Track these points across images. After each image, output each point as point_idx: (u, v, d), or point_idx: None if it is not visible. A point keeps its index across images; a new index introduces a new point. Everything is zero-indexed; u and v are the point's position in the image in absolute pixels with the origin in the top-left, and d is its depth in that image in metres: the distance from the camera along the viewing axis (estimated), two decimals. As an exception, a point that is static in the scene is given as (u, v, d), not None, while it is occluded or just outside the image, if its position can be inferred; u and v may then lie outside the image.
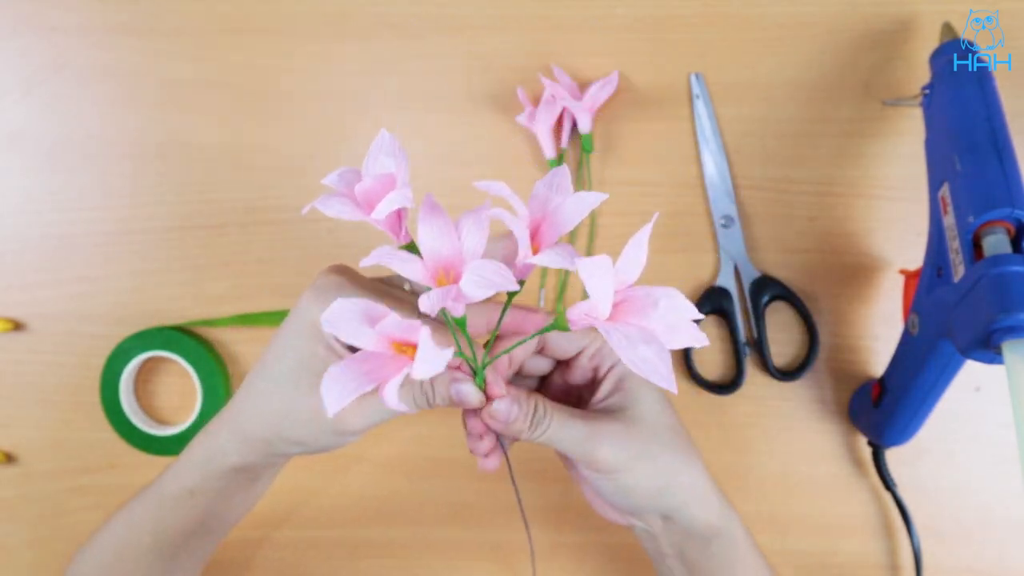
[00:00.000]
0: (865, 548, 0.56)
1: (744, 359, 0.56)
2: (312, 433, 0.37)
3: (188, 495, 0.42)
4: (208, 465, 0.41)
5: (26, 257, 0.59)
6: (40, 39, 0.59)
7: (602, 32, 0.58)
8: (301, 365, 0.37)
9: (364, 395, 0.35)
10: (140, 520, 0.43)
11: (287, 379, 0.37)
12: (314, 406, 0.36)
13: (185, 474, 0.42)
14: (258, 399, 0.38)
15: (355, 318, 0.31)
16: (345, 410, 0.35)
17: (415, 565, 0.57)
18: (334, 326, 0.30)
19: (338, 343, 0.37)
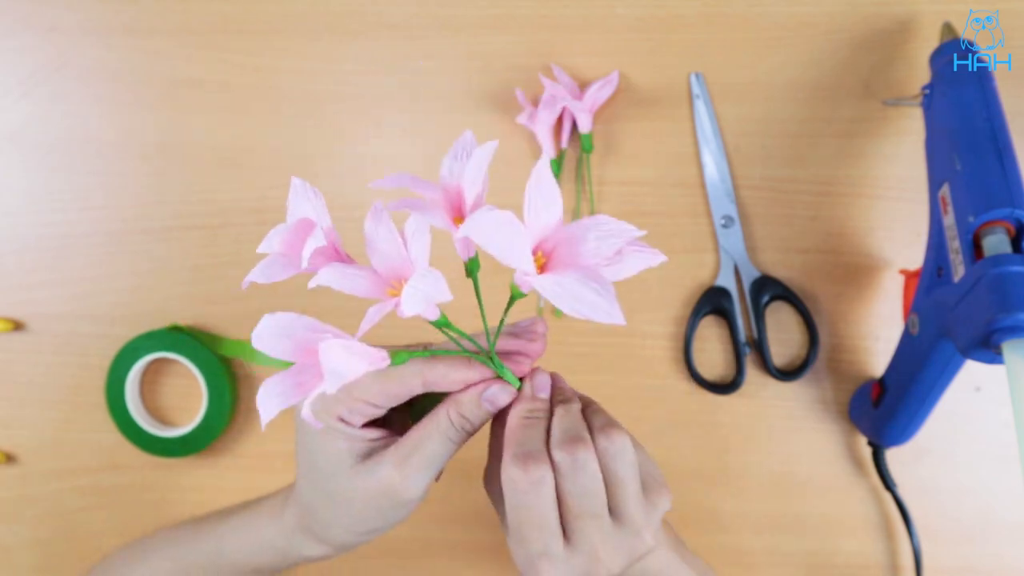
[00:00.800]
0: (865, 548, 0.56)
1: (744, 359, 0.56)
2: (378, 517, 0.37)
3: (254, 572, 0.42)
4: (284, 556, 0.41)
5: (26, 257, 0.59)
6: (40, 39, 0.59)
7: (602, 32, 0.58)
8: (331, 460, 0.36)
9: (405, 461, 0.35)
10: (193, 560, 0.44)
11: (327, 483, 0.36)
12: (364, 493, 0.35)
13: (256, 556, 0.41)
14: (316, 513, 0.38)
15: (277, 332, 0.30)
16: (395, 481, 0.35)
17: (414, 565, 0.57)
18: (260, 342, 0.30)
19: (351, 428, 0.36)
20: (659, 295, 0.57)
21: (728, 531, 0.56)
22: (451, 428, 0.35)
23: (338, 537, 0.38)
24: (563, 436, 0.34)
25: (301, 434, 0.37)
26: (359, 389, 0.35)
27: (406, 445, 0.35)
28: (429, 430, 0.35)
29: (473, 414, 0.35)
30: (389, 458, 0.35)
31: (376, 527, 0.37)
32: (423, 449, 0.35)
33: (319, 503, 0.37)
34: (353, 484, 0.35)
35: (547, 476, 0.33)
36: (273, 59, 0.59)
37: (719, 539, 0.56)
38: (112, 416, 0.57)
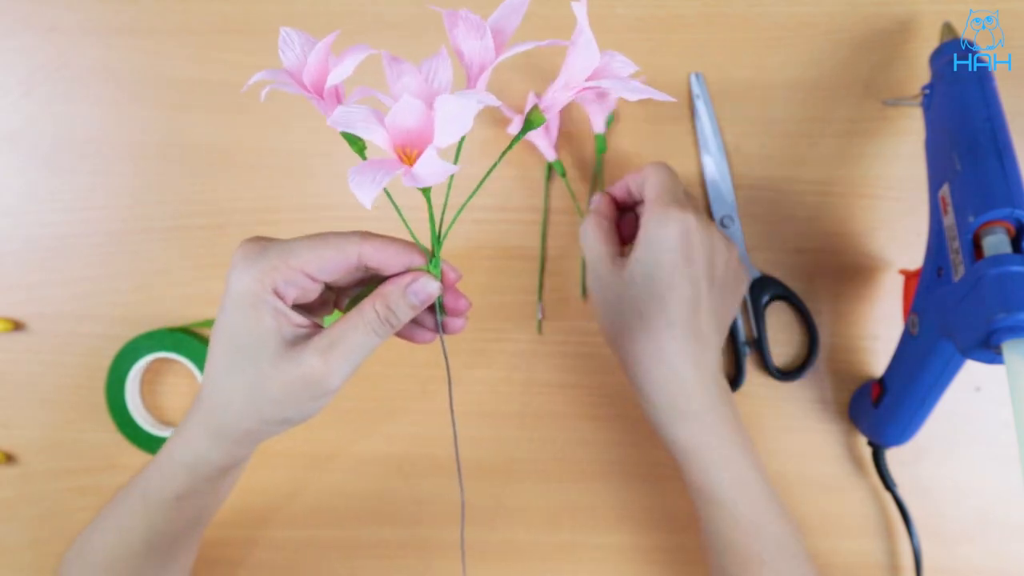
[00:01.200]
0: (865, 548, 0.56)
1: (744, 359, 0.56)
2: (293, 407, 0.36)
3: (176, 500, 0.41)
4: (195, 470, 0.40)
5: (26, 257, 0.59)
6: (40, 39, 0.59)
7: (602, 32, 0.58)
8: (254, 343, 0.35)
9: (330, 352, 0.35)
10: (129, 524, 0.43)
11: (247, 363, 0.36)
12: (284, 380, 0.35)
13: (171, 479, 0.41)
14: (227, 394, 0.37)
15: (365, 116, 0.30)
16: (316, 371, 0.35)
17: (413, 565, 0.57)
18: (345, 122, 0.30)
19: (282, 303, 0.35)
20: (659, 295, 0.57)
21: (728, 531, 0.56)
22: (376, 320, 0.35)
23: (247, 426, 0.37)
24: None
25: (227, 313, 0.36)
26: (296, 258, 0.35)
27: (331, 335, 0.35)
28: (355, 322, 0.35)
29: (398, 306, 0.35)
30: (314, 347, 0.35)
31: (289, 417, 0.37)
32: (348, 340, 0.35)
33: (234, 389, 0.36)
34: (275, 369, 0.35)
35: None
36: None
37: (719, 539, 0.56)
38: (112, 416, 0.57)
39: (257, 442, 0.39)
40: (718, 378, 0.44)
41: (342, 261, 0.36)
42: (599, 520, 0.56)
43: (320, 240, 0.36)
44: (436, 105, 0.30)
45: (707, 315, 0.43)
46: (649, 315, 0.42)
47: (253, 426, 0.37)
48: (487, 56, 0.34)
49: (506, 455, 0.57)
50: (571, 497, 0.56)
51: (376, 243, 0.36)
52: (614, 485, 0.56)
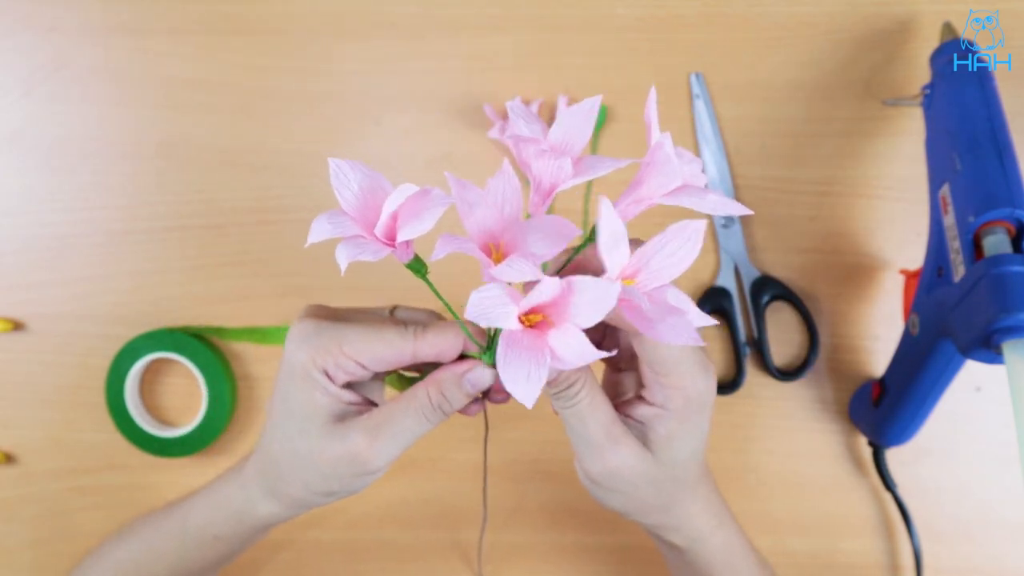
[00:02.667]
0: (865, 548, 0.56)
1: (744, 359, 0.56)
2: (338, 482, 0.36)
3: (213, 540, 0.42)
4: (240, 518, 0.41)
5: (26, 257, 0.59)
6: (39, 39, 0.59)
7: (602, 32, 0.58)
8: (306, 417, 0.36)
9: (377, 433, 0.35)
10: (161, 551, 0.44)
11: (298, 435, 0.36)
12: (331, 456, 0.35)
13: (214, 520, 0.42)
14: (280, 463, 0.37)
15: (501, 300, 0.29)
16: (362, 451, 0.35)
17: (414, 566, 0.57)
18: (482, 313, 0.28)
19: (333, 385, 0.36)
20: (659, 295, 0.57)
21: (728, 531, 0.56)
22: (428, 407, 0.35)
23: (295, 493, 0.38)
24: None
25: (282, 382, 0.36)
26: (350, 346, 0.35)
27: (380, 415, 0.36)
28: (405, 405, 0.35)
29: (452, 395, 0.35)
30: (362, 425, 0.35)
31: (334, 491, 0.37)
32: (396, 423, 0.35)
33: (284, 455, 0.37)
34: (322, 443, 0.35)
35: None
36: (273, 59, 0.59)
37: (719, 539, 0.56)
38: (112, 416, 0.57)
39: (306, 508, 0.40)
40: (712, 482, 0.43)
41: (394, 357, 0.35)
42: (599, 520, 0.56)
43: (375, 334, 0.35)
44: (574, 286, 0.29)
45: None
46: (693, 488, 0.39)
47: (301, 495, 0.38)
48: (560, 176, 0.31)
49: (506, 455, 0.57)
50: (571, 497, 0.56)
51: (430, 341, 0.35)
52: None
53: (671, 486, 0.38)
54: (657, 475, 0.37)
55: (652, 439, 0.36)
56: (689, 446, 0.37)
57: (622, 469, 0.36)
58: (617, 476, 0.36)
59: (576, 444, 0.37)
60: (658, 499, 0.38)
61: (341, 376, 0.35)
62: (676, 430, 0.36)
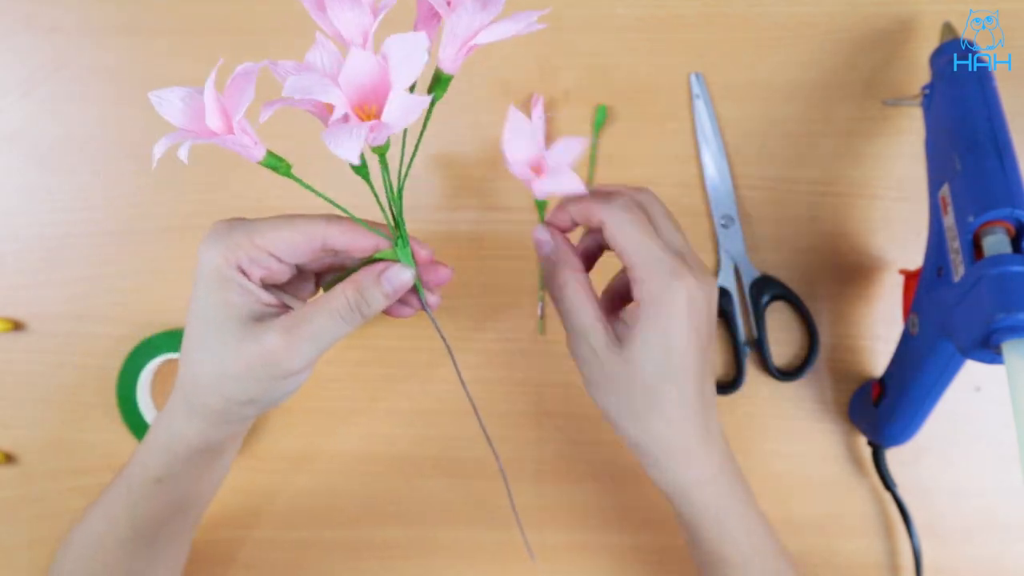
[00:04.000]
0: (865, 548, 0.56)
1: (744, 359, 0.56)
2: (255, 386, 0.36)
3: (155, 482, 0.41)
4: (169, 451, 0.40)
5: (26, 257, 0.59)
6: (40, 39, 0.59)
7: (602, 32, 0.58)
8: (220, 318, 0.35)
9: (292, 331, 0.35)
10: (114, 510, 0.43)
11: (212, 338, 0.35)
12: (245, 356, 0.35)
13: (150, 461, 0.41)
14: (196, 369, 0.37)
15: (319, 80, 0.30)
16: (277, 349, 0.34)
17: (414, 566, 0.57)
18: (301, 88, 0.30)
19: (247, 280, 0.35)
20: (659, 295, 0.57)
21: (728, 531, 0.56)
22: (346, 307, 0.35)
23: (214, 404, 0.37)
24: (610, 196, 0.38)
25: (197, 287, 0.36)
26: (261, 237, 0.35)
27: (297, 315, 0.35)
28: (322, 305, 0.35)
29: (371, 295, 0.35)
30: (279, 325, 0.35)
31: (253, 397, 0.36)
32: (314, 323, 0.35)
33: (200, 362, 0.36)
34: (238, 344, 0.35)
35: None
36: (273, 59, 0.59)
37: (719, 539, 0.56)
38: (123, 416, 0.57)
39: (228, 422, 0.39)
40: (722, 436, 0.42)
41: (306, 243, 0.35)
42: (598, 520, 0.56)
43: (285, 221, 0.36)
44: (386, 49, 0.30)
45: (710, 377, 0.40)
46: (660, 396, 0.38)
47: (220, 405, 0.37)
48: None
49: (506, 455, 0.57)
50: (571, 497, 0.56)
51: (342, 226, 0.35)
52: (613, 485, 0.56)
53: (642, 398, 0.38)
54: (623, 373, 0.37)
55: (624, 334, 0.38)
56: (654, 351, 0.36)
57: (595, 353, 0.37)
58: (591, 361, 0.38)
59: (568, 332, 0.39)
60: (629, 404, 0.38)
61: (256, 271, 0.35)
62: (641, 327, 0.36)
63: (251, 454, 0.57)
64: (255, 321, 0.35)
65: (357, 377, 0.58)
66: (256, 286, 0.36)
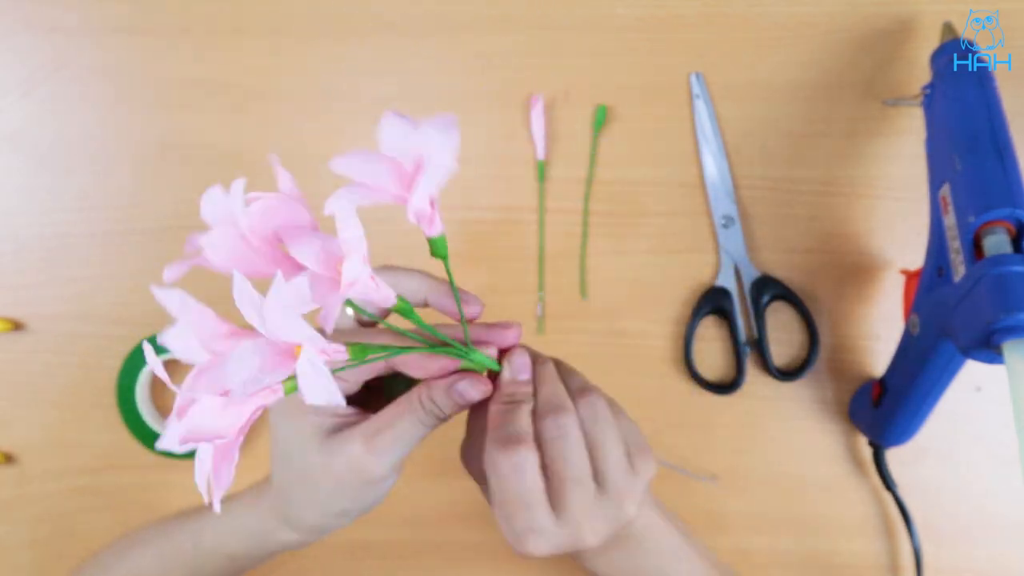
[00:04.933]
0: (865, 548, 0.56)
1: (744, 359, 0.56)
2: (347, 497, 0.36)
3: (228, 560, 0.42)
4: (257, 540, 0.41)
5: (26, 257, 0.59)
6: (39, 39, 0.59)
7: (602, 32, 0.58)
8: (301, 441, 0.35)
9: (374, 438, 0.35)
10: (173, 563, 0.44)
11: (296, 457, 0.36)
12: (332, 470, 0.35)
13: (230, 541, 0.41)
14: (289, 494, 0.37)
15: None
16: (361, 457, 0.35)
17: (415, 566, 0.57)
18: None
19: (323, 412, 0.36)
20: (659, 295, 0.57)
21: (728, 531, 0.56)
22: (421, 411, 0.35)
23: (310, 519, 0.38)
24: (546, 406, 0.34)
25: (272, 413, 0.36)
26: None
27: (376, 422, 0.35)
28: (401, 409, 0.35)
29: (444, 403, 0.35)
30: (359, 433, 0.35)
31: (347, 508, 0.37)
32: (393, 427, 0.35)
33: (290, 483, 0.37)
34: (321, 460, 0.35)
35: (530, 456, 0.33)
36: (273, 59, 0.59)
37: (719, 539, 0.56)
38: (122, 416, 0.57)
39: (326, 533, 0.39)
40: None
41: (370, 372, 0.35)
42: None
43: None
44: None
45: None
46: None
47: (314, 520, 0.38)
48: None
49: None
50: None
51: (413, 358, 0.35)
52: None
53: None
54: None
55: None
56: None
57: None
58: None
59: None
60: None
61: None
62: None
63: (252, 454, 0.57)
64: (334, 433, 0.36)
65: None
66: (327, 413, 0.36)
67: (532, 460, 0.33)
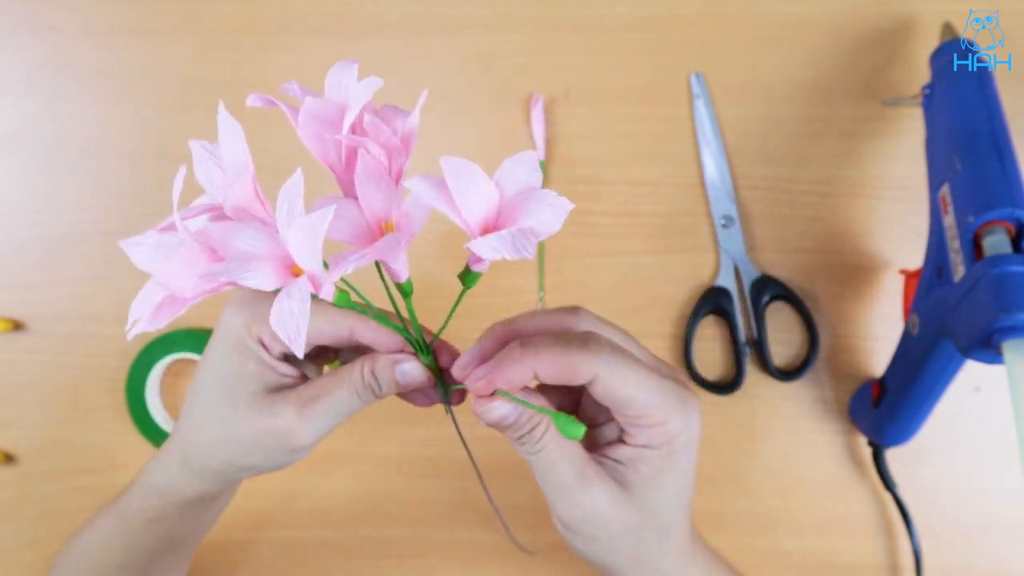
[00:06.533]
0: (865, 548, 0.56)
1: (744, 359, 0.56)
2: (261, 455, 0.35)
3: (148, 522, 0.41)
4: (164, 496, 0.39)
5: (26, 257, 0.59)
6: (39, 39, 0.59)
7: (602, 32, 0.58)
8: (235, 385, 0.34)
9: (308, 407, 0.34)
10: (110, 538, 0.43)
11: (224, 404, 0.35)
12: (257, 428, 0.34)
13: (144, 502, 0.41)
14: (200, 431, 0.36)
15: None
16: (291, 425, 0.34)
17: (413, 565, 0.57)
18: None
19: (267, 355, 0.34)
20: (659, 295, 0.57)
21: (728, 531, 0.56)
22: (360, 384, 0.34)
23: (214, 466, 0.37)
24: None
25: (214, 348, 0.35)
26: None
27: (312, 388, 0.34)
28: (340, 379, 0.34)
29: (385, 378, 0.34)
30: (294, 398, 0.34)
31: (255, 464, 0.36)
32: (329, 396, 0.34)
33: (207, 426, 0.36)
34: (249, 413, 0.34)
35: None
36: (273, 59, 0.59)
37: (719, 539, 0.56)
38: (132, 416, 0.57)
39: (225, 482, 0.38)
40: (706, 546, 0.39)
41: (333, 332, 0.34)
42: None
43: (317, 307, 0.34)
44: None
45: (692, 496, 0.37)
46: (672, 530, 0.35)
47: (218, 467, 0.37)
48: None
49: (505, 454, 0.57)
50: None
51: (369, 324, 0.34)
52: (614, 485, 0.56)
53: (655, 537, 0.34)
54: (638, 521, 0.33)
55: (632, 480, 0.33)
56: (673, 489, 0.33)
57: (598, 512, 0.33)
58: (593, 521, 0.33)
59: (547, 491, 0.33)
60: (640, 551, 0.34)
61: (277, 347, 0.34)
62: (659, 469, 0.32)
63: (251, 454, 0.57)
64: (270, 392, 0.35)
65: (357, 377, 0.58)
66: (275, 360, 0.35)
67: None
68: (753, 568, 0.56)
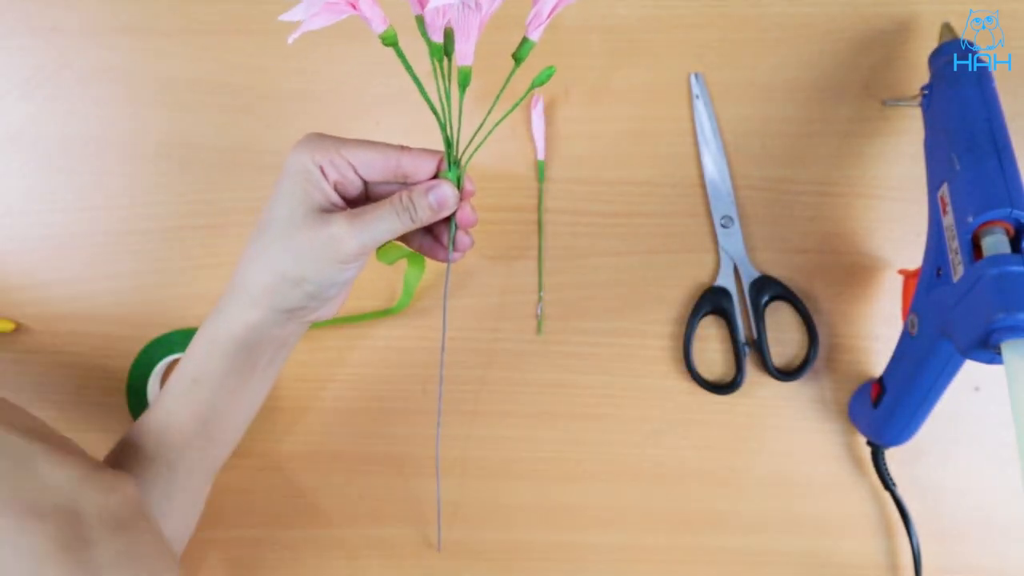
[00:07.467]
0: (865, 548, 0.56)
1: (744, 359, 0.56)
2: (311, 263, 0.41)
3: (192, 382, 0.44)
4: (212, 344, 0.43)
5: (26, 257, 0.59)
6: (40, 39, 0.59)
7: (602, 32, 0.58)
8: (297, 204, 0.41)
9: (356, 218, 0.41)
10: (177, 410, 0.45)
11: (285, 222, 0.41)
12: (312, 234, 0.40)
13: (188, 365, 0.44)
14: (259, 251, 0.42)
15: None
16: (341, 232, 0.40)
17: (412, 565, 0.57)
18: None
19: (326, 181, 0.41)
20: (659, 295, 0.57)
21: (728, 531, 0.56)
22: (399, 207, 0.41)
23: (266, 279, 0.42)
24: None
25: (283, 180, 0.41)
26: (347, 148, 0.41)
27: (359, 209, 0.42)
28: (384, 203, 0.42)
29: (420, 203, 0.42)
30: (342, 215, 0.41)
31: (306, 275, 0.41)
32: (374, 214, 0.41)
33: (263, 245, 0.41)
34: (305, 224, 0.40)
35: None
36: (273, 59, 0.59)
37: (719, 539, 0.56)
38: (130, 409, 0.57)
39: (272, 309, 0.42)
40: None
41: (382, 162, 0.42)
42: (598, 520, 0.56)
43: (369, 142, 0.42)
44: None
45: None
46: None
47: (270, 279, 0.41)
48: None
49: (505, 455, 0.57)
50: (570, 497, 0.56)
51: (415, 154, 0.42)
52: (613, 485, 0.56)
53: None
54: None
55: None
56: None
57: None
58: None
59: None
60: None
61: (333, 174, 0.41)
62: None
63: (246, 453, 0.57)
64: (323, 210, 0.41)
65: (355, 377, 0.58)
66: (330, 187, 0.41)
67: None
68: (753, 568, 0.56)
